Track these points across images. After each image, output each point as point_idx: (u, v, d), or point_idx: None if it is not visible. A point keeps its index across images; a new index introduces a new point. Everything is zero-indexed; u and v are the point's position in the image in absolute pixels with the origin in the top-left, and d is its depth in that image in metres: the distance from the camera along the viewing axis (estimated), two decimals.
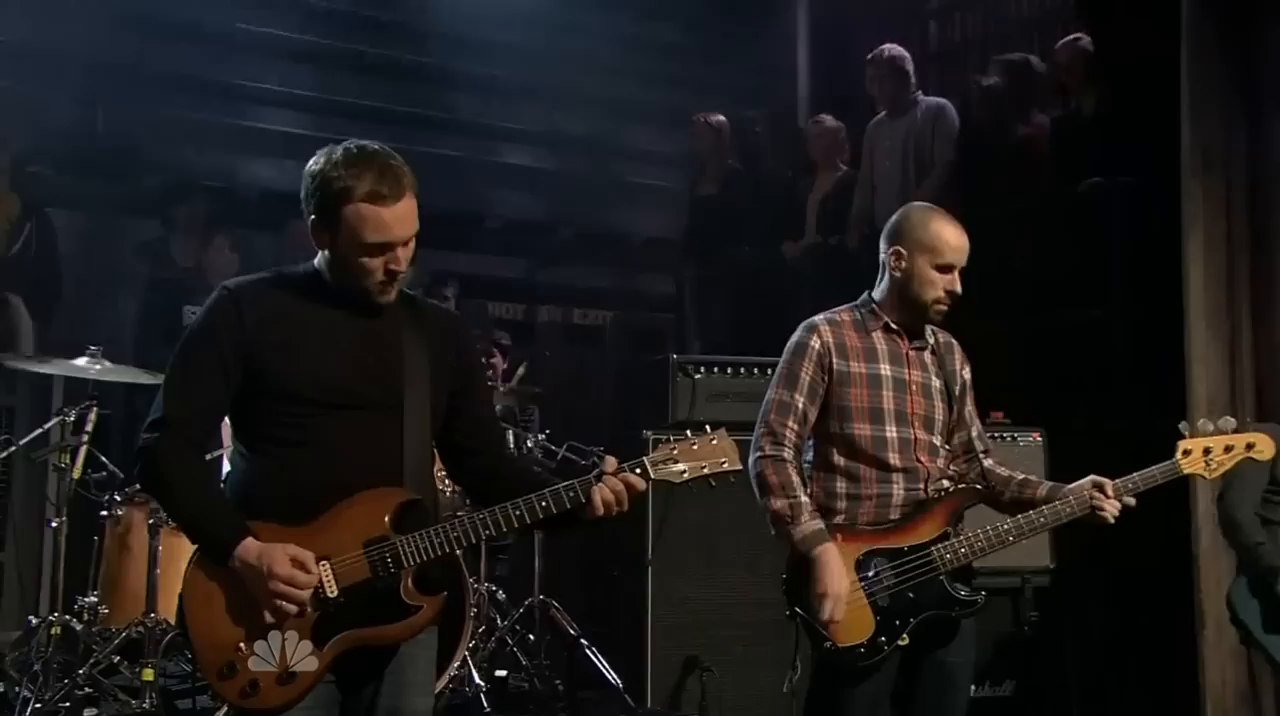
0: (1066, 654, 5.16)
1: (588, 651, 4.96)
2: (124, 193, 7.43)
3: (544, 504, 2.76)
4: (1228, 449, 3.44)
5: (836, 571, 3.25)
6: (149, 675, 4.51)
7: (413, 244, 2.77)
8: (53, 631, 4.61)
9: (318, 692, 2.69)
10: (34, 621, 4.80)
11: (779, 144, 8.79)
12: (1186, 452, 3.43)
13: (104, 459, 5.07)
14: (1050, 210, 6.31)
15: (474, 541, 2.78)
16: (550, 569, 5.37)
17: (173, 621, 4.75)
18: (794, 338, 3.53)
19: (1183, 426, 3.48)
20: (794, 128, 8.93)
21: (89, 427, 4.84)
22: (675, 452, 2.90)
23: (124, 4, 7.48)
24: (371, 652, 2.74)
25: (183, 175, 7.41)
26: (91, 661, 4.56)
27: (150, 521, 4.74)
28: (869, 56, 7.43)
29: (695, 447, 2.91)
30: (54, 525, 4.79)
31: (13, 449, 4.94)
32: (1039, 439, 5.32)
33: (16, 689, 4.52)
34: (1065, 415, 5.59)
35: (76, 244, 7.24)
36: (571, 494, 2.76)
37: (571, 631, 5.05)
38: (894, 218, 3.56)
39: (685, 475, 2.91)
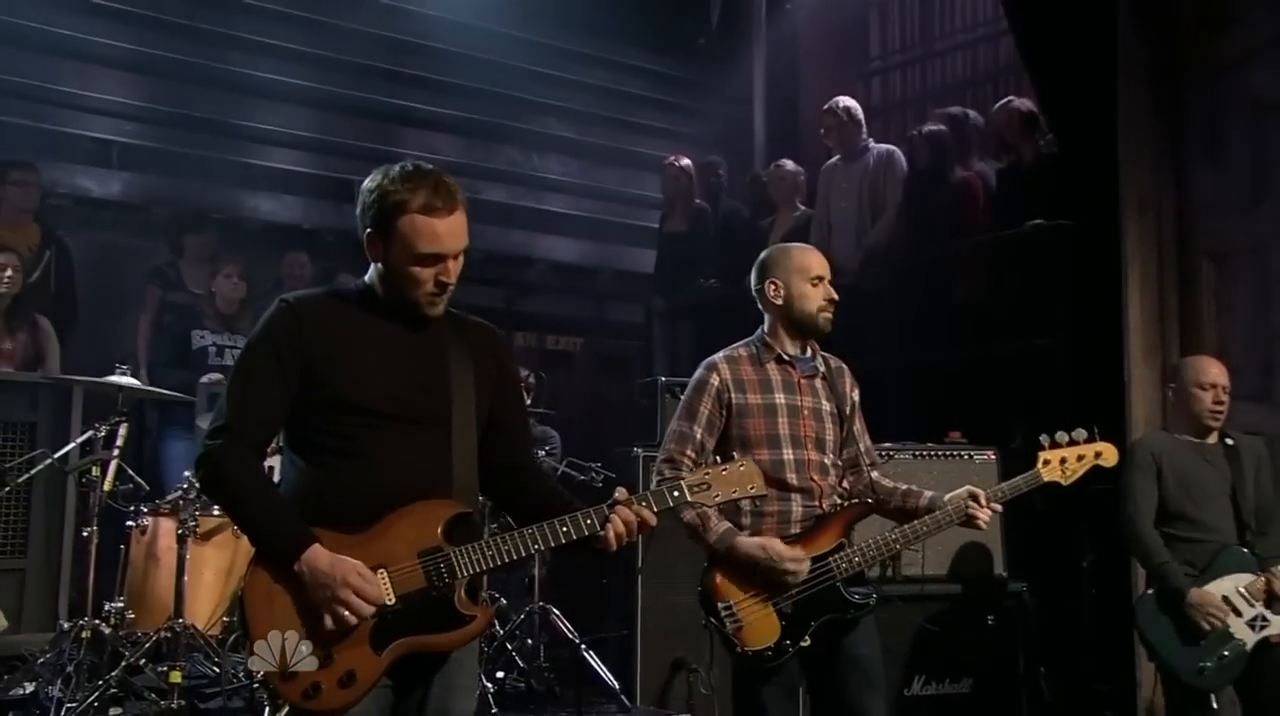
0: (1018, 653, 5.12)
1: (585, 654, 4.86)
2: (137, 223, 7.30)
3: (565, 530, 2.65)
4: (1080, 458, 3.56)
5: (764, 547, 3.34)
6: (176, 677, 4.35)
7: (461, 259, 2.67)
8: (83, 635, 4.44)
9: (374, 695, 2.58)
10: (65, 626, 4.62)
11: (738, 186, 8.80)
12: (1046, 462, 3.55)
13: (131, 472, 4.92)
14: (998, 249, 6.33)
15: (524, 555, 2.67)
16: (549, 577, 5.28)
17: (200, 626, 4.62)
18: (695, 375, 3.61)
19: (1043, 438, 3.57)
20: (751, 171, 8.97)
21: (119, 442, 4.69)
22: (708, 478, 2.86)
23: (138, 50, 7.40)
24: (425, 658, 2.63)
25: (191, 208, 7.27)
26: (123, 664, 4.39)
27: (179, 531, 4.58)
28: (825, 107, 7.44)
29: (725, 473, 2.88)
30: (85, 534, 4.63)
31: (48, 462, 4.76)
32: (993, 457, 5.31)
33: (49, 689, 4.34)
34: (1012, 435, 5.59)
35: (92, 270, 7.07)
36: (589, 522, 2.66)
37: (570, 636, 4.95)
38: (758, 262, 3.67)
39: (718, 498, 2.88)
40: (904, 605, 4.80)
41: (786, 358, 3.57)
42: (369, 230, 2.65)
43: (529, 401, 6.63)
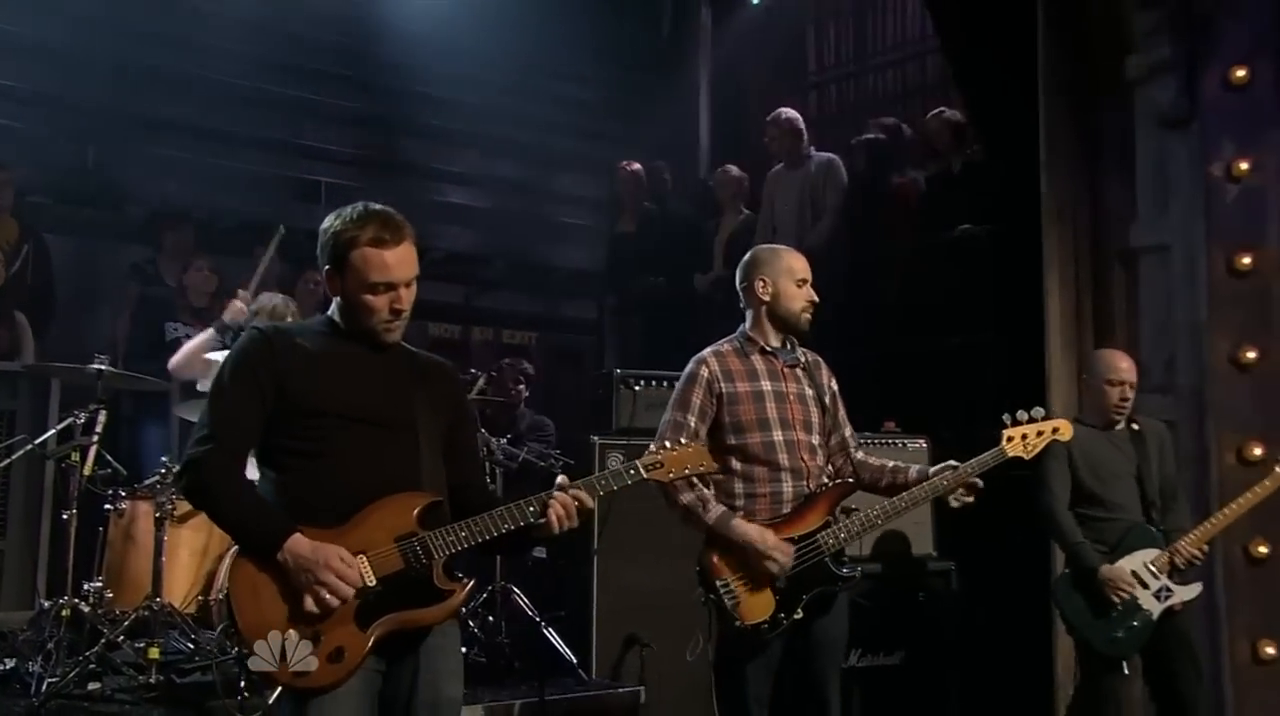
0: (946, 627, 5.22)
1: (545, 631, 4.88)
2: (112, 220, 7.20)
3: (506, 525, 2.70)
4: (1039, 433, 3.67)
5: (753, 532, 3.39)
6: (155, 653, 4.31)
7: (414, 288, 2.74)
8: (63, 613, 4.39)
9: (363, 678, 2.60)
10: (45, 604, 4.56)
11: (684, 190, 8.84)
12: (1010, 439, 3.65)
13: (109, 457, 4.86)
14: (929, 251, 6.43)
15: (494, 536, 2.70)
16: (510, 559, 5.28)
17: (176, 604, 4.58)
18: (686, 369, 3.67)
19: (1005, 417, 3.67)
20: (697, 176, 9.02)
21: (98, 429, 4.64)
22: (661, 458, 2.92)
23: (115, 53, 7.30)
24: (409, 636, 2.66)
25: (165, 206, 7.18)
26: (103, 640, 4.34)
27: (157, 514, 4.54)
28: (769, 117, 7.51)
29: (676, 453, 2.95)
30: (65, 517, 4.57)
31: (29, 448, 4.70)
32: (924, 445, 5.41)
33: (30, 665, 4.28)
34: (943, 424, 5.69)
35: (69, 265, 6.96)
36: (531, 509, 2.71)
37: (530, 614, 4.96)
38: (745, 260, 3.73)
39: (671, 475, 2.94)
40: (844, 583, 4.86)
41: (769, 349, 3.64)
42: (327, 267, 2.74)
43: (527, 391, 6.68)
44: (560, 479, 2.80)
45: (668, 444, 2.99)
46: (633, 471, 2.87)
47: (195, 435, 2.67)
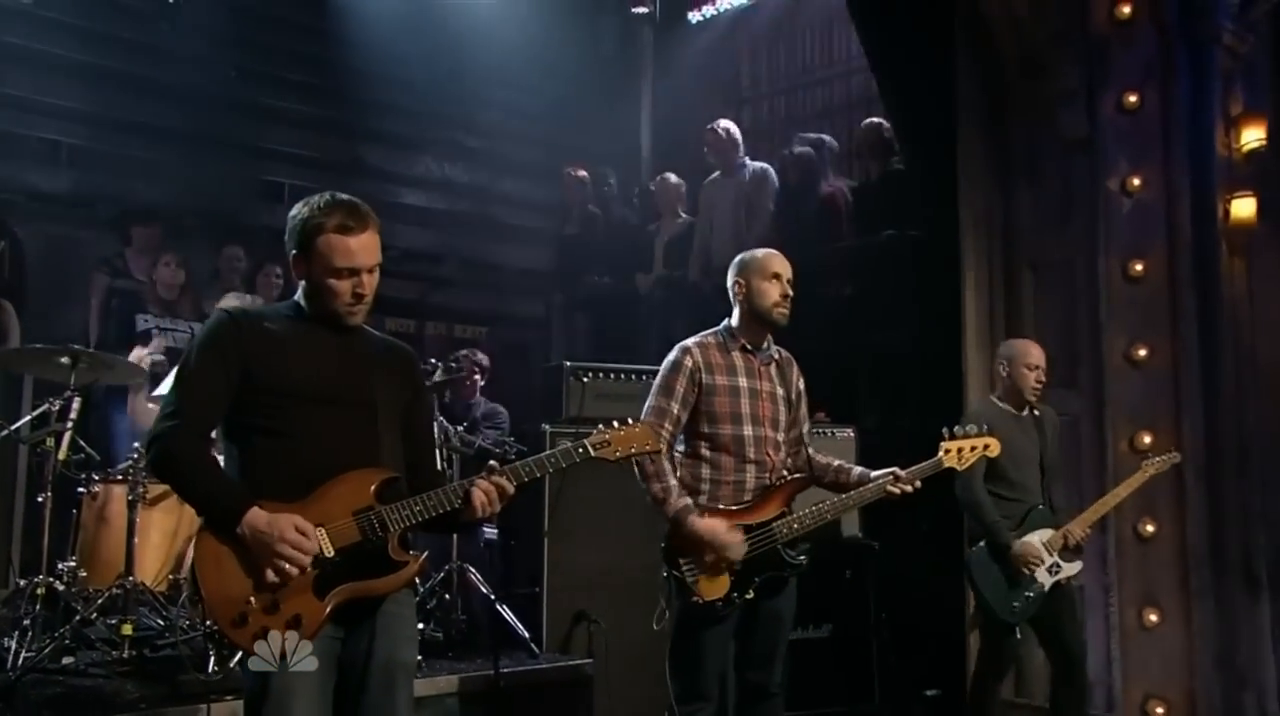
0: (872, 602, 5.29)
1: (498, 608, 4.85)
2: (83, 216, 7.02)
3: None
4: (973, 448, 3.79)
5: (708, 526, 3.42)
6: (128, 629, 4.21)
7: (377, 274, 2.71)
8: (38, 592, 4.27)
9: (322, 644, 2.56)
10: (22, 583, 4.44)
11: (627, 195, 8.85)
12: (947, 451, 3.75)
13: (82, 442, 4.74)
14: (857, 254, 6.49)
15: (448, 510, 2.66)
16: (464, 539, 5.24)
17: (148, 583, 4.49)
18: (670, 357, 3.65)
19: (944, 431, 3.77)
20: (639, 182, 9.02)
21: (73, 415, 4.52)
22: (609, 438, 2.87)
23: (86, 56, 7.13)
24: (364, 604, 2.63)
25: (134, 204, 7.02)
26: (77, 617, 4.24)
27: (129, 497, 4.43)
28: (708, 127, 7.53)
29: (623, 434, 2.90)
30: (40, 500, 4.44)
31: (4, 433, 4.56)
32: (851, 434, 5.47)
33: (5, 641, 4.16)
34: (868, 415, 5.76)
35: (41, 260, 6.78)
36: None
37: (485, 591, 4.93)
38: (732, 263, 3.74)
39: (618, 454, 2.89)
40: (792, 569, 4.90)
41: (749, 347, 3.66)
42: (294, 252, 2.70)
43: (482, 382, 6.62)
44: (490, 464, 2.76)
45: (631, 420, 2.94)
46: (581, 450, 2.83)
47: (162, 412, 2.63)
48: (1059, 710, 4.47)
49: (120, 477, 4.64)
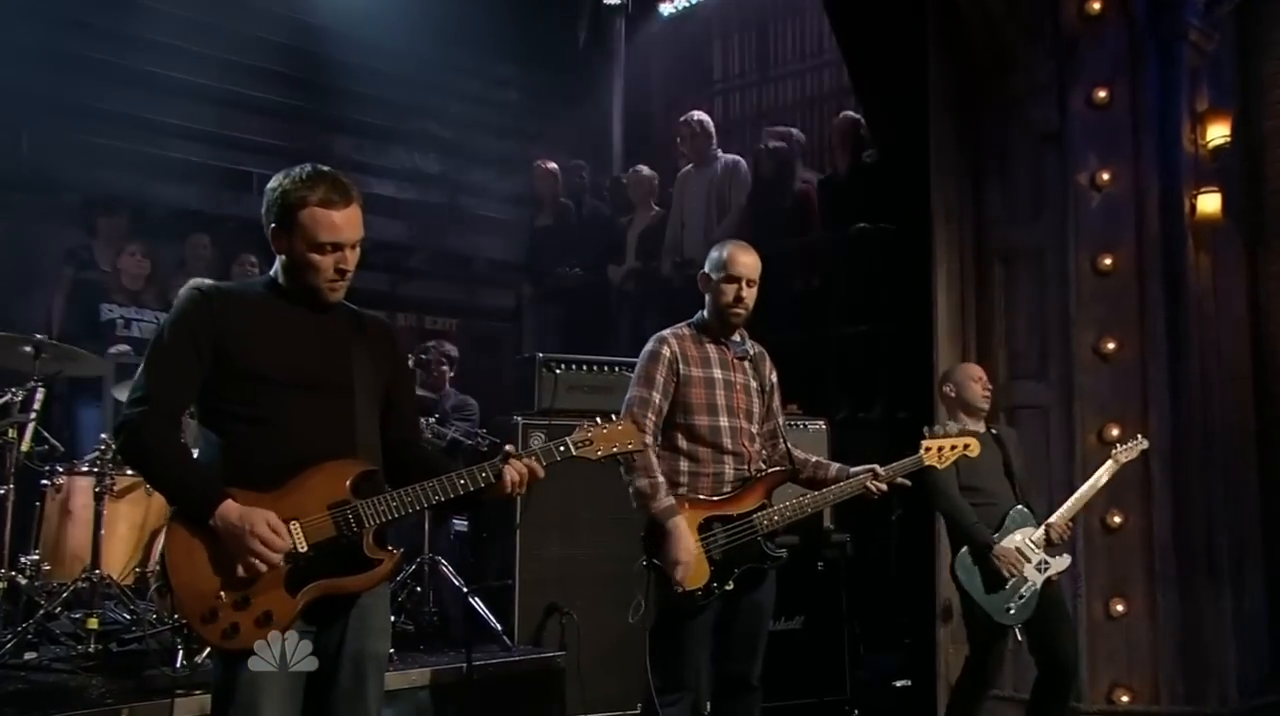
0: (844, 594, 5.29)
1: (471, 600, 4.81)
2: (47, 205, 6.90)
3: (463, 482, 2.62)
4: (953, 447, 3.80)
5: (686, 541, 3.39)
6: (94, 623, 4.14)
7: (359, 250, 2.62)
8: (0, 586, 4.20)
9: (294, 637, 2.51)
10: None
11: (599, 187, 8.82)
12: (928, 449, 3.76)
13: (46, 433, 4.66)
14: (829, 247, 6.49)
15: (426, 507, 2.62)
16: (436, 532, 5.20)
17: (115, 576, 4.42)
18: (648, 347, 3.63)
19: (925, 430, 3.78)
20: (610, 174, 8.99)
21: (35, 407, 4.43)
22: (591, 436, 2.81)
23: (51, 42, 6.99)
24: (337, 600, 2.57)
25: (99, 193, 6.91)
26: (41, 611, 4.16)
27: (96, 489, 4.35)
28: (681, 119, 7.51)
29: (606, 432, 2.83)
30: (1, 492, 4.35)
31: None
32: (824, 426, 5.46)
33: None
34: (839, 407, 5.76)
35: (4, 249, 6.66)
36: (484, 474, 2.64)
37: (457, 584, 4.89)
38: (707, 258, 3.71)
39: (600, 453, 2.82)
40: (772, 562, 4.90)
41: (722, 339, 3.64)
42: (274, 225, 2.60)
43: (451, 373, 6.57)
44: (508, 447, 2.71)
45: (614, 417, 2.90)
46: (563, 448, 2.77)
47: (131, 396, 2.53)
48: (1039, 712, 4.40)
49: (85, 470, 4.56)
